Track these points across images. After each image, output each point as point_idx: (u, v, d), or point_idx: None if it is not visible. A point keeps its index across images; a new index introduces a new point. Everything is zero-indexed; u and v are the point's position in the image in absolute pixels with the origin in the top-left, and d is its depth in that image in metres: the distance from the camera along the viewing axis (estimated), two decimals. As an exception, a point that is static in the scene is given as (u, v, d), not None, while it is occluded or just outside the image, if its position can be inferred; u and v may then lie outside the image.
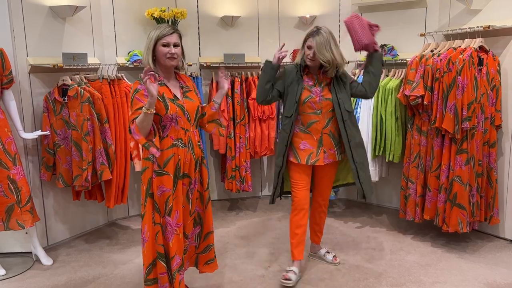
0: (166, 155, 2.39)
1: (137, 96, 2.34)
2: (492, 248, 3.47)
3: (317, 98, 2.87)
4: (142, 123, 2.29)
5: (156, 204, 2.41)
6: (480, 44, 3.34)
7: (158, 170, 2.39)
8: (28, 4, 3.33)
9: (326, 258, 3.27)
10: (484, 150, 3.42)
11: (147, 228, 2.42)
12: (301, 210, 2.98)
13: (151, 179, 2.40)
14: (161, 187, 2.39)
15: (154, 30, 2.41)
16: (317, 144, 2.91)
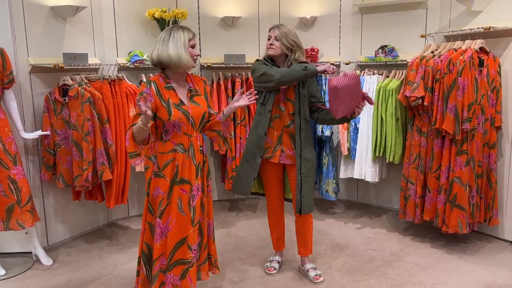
0: (166, 158, 2.40)
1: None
2: (492, 249, 3.48)
3: (282, 95, 2.87)
4: (138, 133, 2.29)
5: (150, 204, 2.45)
6: (480, 45, 3.34)
7: (157, 172, 2.41)
8: (29, 4, 3.33)
9: (308, 275, 3.05)
10: (484, 151, 3.42)
11: (141, 227, 2.52)
12: (275, 212, 3.11)
13: (150, 179, 2.43)
14: (157, 189, 2.42)
15: (179, 31, 2.38)
16: (276, 140, 2.91)
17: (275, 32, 2.83)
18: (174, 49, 2.34)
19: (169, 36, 2.36)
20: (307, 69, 2.72)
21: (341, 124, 2.85)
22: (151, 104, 2.31)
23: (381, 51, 4.12)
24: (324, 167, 4.18)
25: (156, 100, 2.34)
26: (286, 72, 2.74)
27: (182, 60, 2.36)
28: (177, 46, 2.35)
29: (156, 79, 2.40)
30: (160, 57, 2.36)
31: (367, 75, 4.03)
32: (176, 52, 2.34)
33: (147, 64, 3.96)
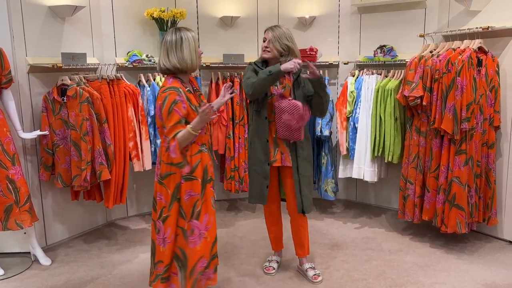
0: (195, 160, 2.41)
1: (176, 108, 2.30)
2: (491, 249, 3.48)
3: (277, 98, 2.86)
4: (184, 142, 2.32)
5: (181, 209, 2.42)
6: (479, 45, 3.34)
7: (187, 176, 2.39)
8: (27, 4, 3.32)
9: (307, 275, 3.05)
10: (483, 151, 3.42)
11: (170, 230, 2.43)
12: (272, 213, 3.11)
13: (179, 185, 2.40)
14: (189, 192, 2.40)
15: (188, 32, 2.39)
16: (273, 145, 2.91)
17: (269, 34, 2.83)
18: (188, 54, 2.37)
19: (180, 40, 2.37)
20: (271, 73, 2.70)
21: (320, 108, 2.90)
22: (184, 111, 2.33)
23: (379, 50, 4.13)
24: (323, 167, 4.18)
25: (187, 106, 2.35)
26: (255, 83, 2.75)
27: (194, 62, 2.40)
28: (190, 49, 2.38)
29: (178, 85, 2.37)
30: (176, 64, 2.37)
31: (366, 74, 4.03)
32: (190, 56, 2.38)
33: (146, 64, 3.96)
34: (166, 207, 2.43)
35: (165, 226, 2.44)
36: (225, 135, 4.23)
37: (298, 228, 3.02)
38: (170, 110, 2.30)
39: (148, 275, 2.65)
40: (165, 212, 2.44)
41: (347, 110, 4.04)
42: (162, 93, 2.36)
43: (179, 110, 2.31)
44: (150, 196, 4.41)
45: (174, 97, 2.31)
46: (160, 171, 2.45)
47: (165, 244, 2.46)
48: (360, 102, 3.98)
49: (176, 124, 2.31)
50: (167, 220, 2.44)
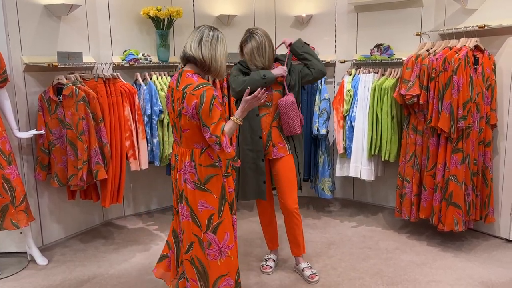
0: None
1: (216, 104, 2.19)
2: (488, 247, 3.49)
3: (268, 89, 2.86)
4: (230, 134, 2.28)
5: (230, 206, 2.40)
6: (475, 43, 3.35)
7: (225, 173, 2.36)
8: (22, 3, 3.31)
9: (303, 274, 3.04)
10: (480, 149, 3.43)
11: (229, 235, 2.34)
12: (265, 211, 3.12)
13: (224, 185, 2.34)
14: (230, 189, 2.39)
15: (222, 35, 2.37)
16: (267, 138, 2.92)
17: (247, 48, 2.84)
18: (221, 55, 2.32)
19: (217, 40, 2.32)
20: (266, 78, 2.79)
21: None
22: (222, 106, 2.27)
23: (376, 49, 4.13)
24: (320, 166, 4.18)
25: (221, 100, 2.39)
26: (246, 83, 2.78)
27: (222, 69, 2.35)
28: (222, 55, 2.33)
29: (204, 81, 2.29)
30: (205, 57, 2.27)
31: (363, 73, 4.03)
32: (221, 61, 2.32)
33: (142, 63, 3.95)
34: (216, 213, 2.30)
35: (219, 233, 2.31)
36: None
37: (292, 226, 3.00)
38: (211, 106, 2.17)
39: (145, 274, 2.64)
40: (216, 219, 2.31)
41: (344, 108, 4.04)
42: (194, 90, 2.19)
43: (218, 105, 2.21)
44: (147, 195, 4.42)
45: (212, 93, 2.19)
46: (198, 176, 2.29)
47: (224, 255, 2.33)
48: (357, 101, 3.98)
49: (220, 120, 2.21)
50: (220, 226, 2.31)
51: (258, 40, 2.81)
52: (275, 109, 2.90)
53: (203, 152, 2.29)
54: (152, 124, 3.89)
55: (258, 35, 2.82)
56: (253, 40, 2.82)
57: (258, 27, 2.91)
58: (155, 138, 3.90)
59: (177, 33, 4.40)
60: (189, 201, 2.32)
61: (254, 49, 2.81)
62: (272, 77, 2.81)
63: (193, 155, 2.30)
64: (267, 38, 2.85)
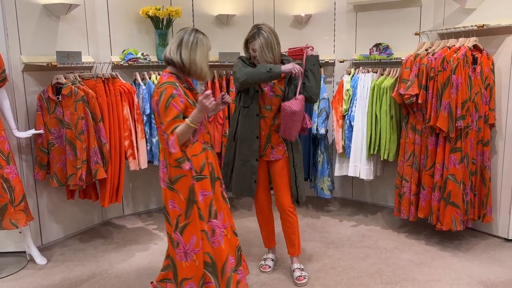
0: (201, 159, 2.35)
1: (173, 103, 2.23)
2: (486, 246, 3.49)
3: (269, 93, 2.87)
4: (183, 136, 2.24)
5: (200, 211, 2.33)
6: (474, 43, 3.35)
7: (196, 176, 2.33)
8: (21, 2, 3.30)
9: (293, 275, 3.02)
10: (478, 148, 3.43)
11: (196, 238, 2.32)
12: (263, 210, 3.11)
13: (192, 186, 2.32)
14: (203, 192, 2.34)
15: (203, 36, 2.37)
16: (265, 140, 2.91)
17: (255, 45, 2.78)
18: (200, 58, 2.33)
19: (196, 43, 2.33)
20: (271, 71, 2.70)
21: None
22: (182, 105, 2.27)
23: (375, 49, 4.13)
24: (319, 165, 4.19)
25: (184, 100, 2.29)
26: (250, 73, 2.73)
27: (203, 72, 2.35)
28: (203, 56, 2.34)
29: (174, 80, 2.32)
30: (184, 62, 2.31)
31: (362, 73, 4.04)
32: (201, 63, 2.33)
33: (141, 62, 3.95)
34: (183, 214, 2.32)
35: (186, 235, 2.32)
36: (221, 133, 4.22)
37: (287, 225, 3.01)
38: (167, 104, 2.22)
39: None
40: (182, 221, 2.32)
41: (343, 108, 4.05)
42: (157, 88, 2.28)
43: (177, 104, 2.24)
44: (146, 194, 4.42)
45: (171, 91, 2.24)
46: (169, 176, 2.33)
47: (189, 257, 2.33)
48: (356, 100, 3.98)
49: (174, 119, 2.23)
50: (187, 228, 2.32)
51: (266, 36, 2.76)
52: (274, 113, 2.88)
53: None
54: (151, 124, 3.89)
55: (265, 32, 2.78)
56: (261, 36, 2.76)
57: (265, 23, 2.84)
58: (154, 138, 3.90)
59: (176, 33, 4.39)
60: (163, 199, 2.39)
61: (263, 45, 2.76)
62: (278, 72, 2.69)
63: (165, 154, 2.33)
64: (274, 35, 2.82)
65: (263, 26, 2.80)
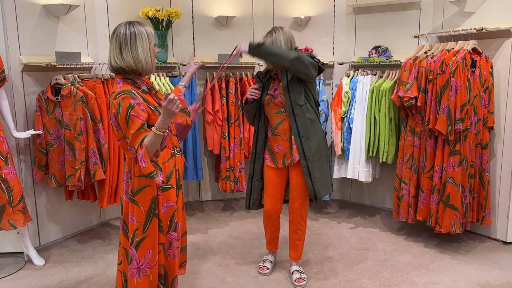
0: (169, 167, 2.19)
1: (133, 114, 2.03)
2: (485, 249, 3.50)
3: (278, 97, 2.86)
4: (153, 147, 2.05)
5: (160, 223, 2.20)
6: (473, 46, 3.36)
7: (163, 186, 2.17)
8: (21, 3, 3.30)
9: (292, 277, 3.01)
10: (477, 151, 3.44)
11: (152, 253, 2.18)
12: (270, 216, 3.07)
13: (155, 198, 2.16)
14: (166, 203, 2.19)
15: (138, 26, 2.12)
16: (289, 144, 2.88)
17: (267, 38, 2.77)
18: (142, 52, 2.11)
19: (135, 38, 2.09)
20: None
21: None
22: (144, 114, 2.07)
23: (374, 51, 4.14)
24: (317, 167, 4.18)
25: (145, 107, 2.09)
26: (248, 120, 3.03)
27: (149, 63, 2.14)
28: (144, 48, 2.10)
29: (128, 87, 2.10)
30: (131, 64, 2.10)
31: (361, 75, 4.04)
32: (145, 58, 2.11)
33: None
34: (141, 228, 2.15)
35: (141, 251, 2.17)
36: (220, 135, 4.22)
37: (295, 231, 3.00)
38: (128, 116, 2.02)
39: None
40: (139, 235, 2.16)
41: (342, 110, 4.05)
42: (113, 100, 2.06)
43: (138, 114, 2.03)
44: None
45: (128, 102, 2.02)
46: (132, 187, 2.15)
47: (142, 273, 2.19)
48: (355, 103, 3.99)
49: (139, 130, 2.03)
50: (143, 243, 2.16)
51: (274, 36, 2.73)
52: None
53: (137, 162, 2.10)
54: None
55: (276, 32, 2.75)
56: (269, 36, 2.75)
57: (283, 27, 2.80)
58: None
59: (175, 34, 4.40)
60: (123, 212, 2.24)
61: (282, 41, 2.73)
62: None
63: (130, 165, 2.16)
64: (285, 35, 2.74)
65: (278, 27, 2.79)
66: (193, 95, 4.12)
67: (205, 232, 3.95)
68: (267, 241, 3.20)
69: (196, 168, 4.22)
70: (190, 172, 4.18)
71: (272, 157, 2.95)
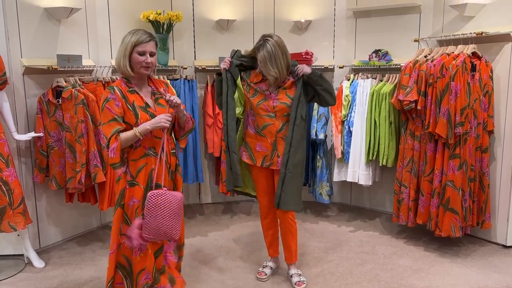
0: (138, 165, 2.34)
1: (107, 106, 2.25)
2: (484, 253, 3.50)
3: (271, 101, 2.83)
4: (127, 143, 2.27)
5: (126, 215, 2.36)
6: (473, 50, 3.37)
7: (131, 181, 2.35)
8: (22, 5, 3.32)
9: (291, 281, 3.02)
10: (477, 155, 3.44)
11: (111, 240, 2.38)
12: (268, 215, 3.06)
13: (124, 190, 2.35)
14: (132, 198, 2.35)
15: (130, 35, 2.31)
16: (271, 148, 2.88)
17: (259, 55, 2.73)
18: (119, 54, 2.31)
19: (122, 42, 2.32)
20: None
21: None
22: (118, 109, 2.26)
23: (375, 55, 4.15)
24: (317, 170, 4.19)
25: (122, 103, 2.29)
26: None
27: (120, 67, 2.31)
28: (121, 54, 2.29)
29: (118, 84, 2.34)
30: (116, 66, 2.35)
31: (361, 78, 4.05)
32: (118, 58, 2.31)
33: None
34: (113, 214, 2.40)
35: (111, 236, 2.39)
36: (220, 137, 4.22)
37: (286, 232, 2.99)
38: (103, 107, 2.26)
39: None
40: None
41: (342, 113, 4.06)
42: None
43: (111, 107, 2.25)
44: (144, 198, 4.41)
45: (106, 95, 2.28)
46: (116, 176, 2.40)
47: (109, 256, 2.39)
48: (355, 106, 4.00)
49: (110, 122, 2.24)
50: (111, 229, 2.40)
51: (270, 49, 2.68)
52: (281, 120, 2.84)
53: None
54: (150, 128, 3.89)
55: (270, 45, 2.69)
56: (265, 50, 2.69)
57: (273, 34, 2.77)
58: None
59: (176, 37, 4.41)
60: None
61: (267, 59, 2.70)
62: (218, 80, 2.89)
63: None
64: (280, 47, 2.71)
65: (269, 38, 2.73)
66: (194, 98, 4.13)
67: (205, 235, 3.95)
68: (268, 245, 3.19)
69: (196, 170, 4.22)
70: (191, 175, 4.17)
71: (250, 154, 2.94)
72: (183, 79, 4.11)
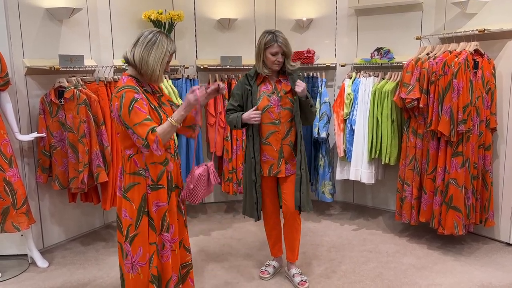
0: (160, 167, 2.22)
1: (137, 106, 2.09)
2: (488, 251, 3.49)
3: (276, 108, 2.83)
4: (166, 136, 2.12)
5: (152, 221, 2.22)
6: (475, 47, 3.36)
7: (152, 185, 2.21)
8: (24, 6, 3.33)
9: (293, 280, 3.00)
10: (480, 152, 3.43)
11: (142, 251, 2.21)
12: (271, 218, 3.07)
13: (145, 196, 2.20)
14: (157, 203, 2.22)
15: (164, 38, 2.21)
16: (278, 155, 2.87)
17: (281, 47, 2.74)
18: (154, 59, 2.16)
19: (153, 44, 2.17)
20: (236, 127, 2.87)
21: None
22: (147, 108, 2.14)
23: (376, 53, 4.14)
24: (320, 169, 4.19)
25: (147, 104, 2.16)
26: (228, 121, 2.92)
27: (155, 74, 2.18)
28: (158, 58, 2.17)
29: (131, 83, 2.17)
30: (136, 60, 2.18)
31: (363, 77, 4.04)
32: (154, 65, 2.17)
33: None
34: (133, 224, 2.20)
35: (134, 247, 2.21)
36: (223, 137, 4.23)
37: (291, 230, 2.98)
38: (131, 108, 2.08)
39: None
40: (132, 231, 2.20)
41: (344, 112, 4.05)
42: (116, 93, 2.12)
43: (141, 107, 2.09)
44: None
45: (132, 95, 2.09)
46: (124, 183, 2.21)
47: (135, 270, 2.23)
48: (357, 104, 3.99)
49: (144, 121, 2.08)
50: (135, 239, 2.20)
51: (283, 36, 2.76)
52: (286, 126, 2.85)
53: (130, 158, 2.19)
54: (153, 127, 3.90)
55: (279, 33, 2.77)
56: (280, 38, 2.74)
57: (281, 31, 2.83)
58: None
59: (178, 37, 4.41)
60: (117, 207, 2.29)
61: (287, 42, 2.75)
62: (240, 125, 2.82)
63: (124, 161, 2.23)
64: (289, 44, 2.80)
65: (273, 30, 2.79)
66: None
67: (207, 234, 3.96)
68: (271, 245, 3.17)
69: (198, 170, 4.22)
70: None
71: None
72: (185, 78, 4.12)
